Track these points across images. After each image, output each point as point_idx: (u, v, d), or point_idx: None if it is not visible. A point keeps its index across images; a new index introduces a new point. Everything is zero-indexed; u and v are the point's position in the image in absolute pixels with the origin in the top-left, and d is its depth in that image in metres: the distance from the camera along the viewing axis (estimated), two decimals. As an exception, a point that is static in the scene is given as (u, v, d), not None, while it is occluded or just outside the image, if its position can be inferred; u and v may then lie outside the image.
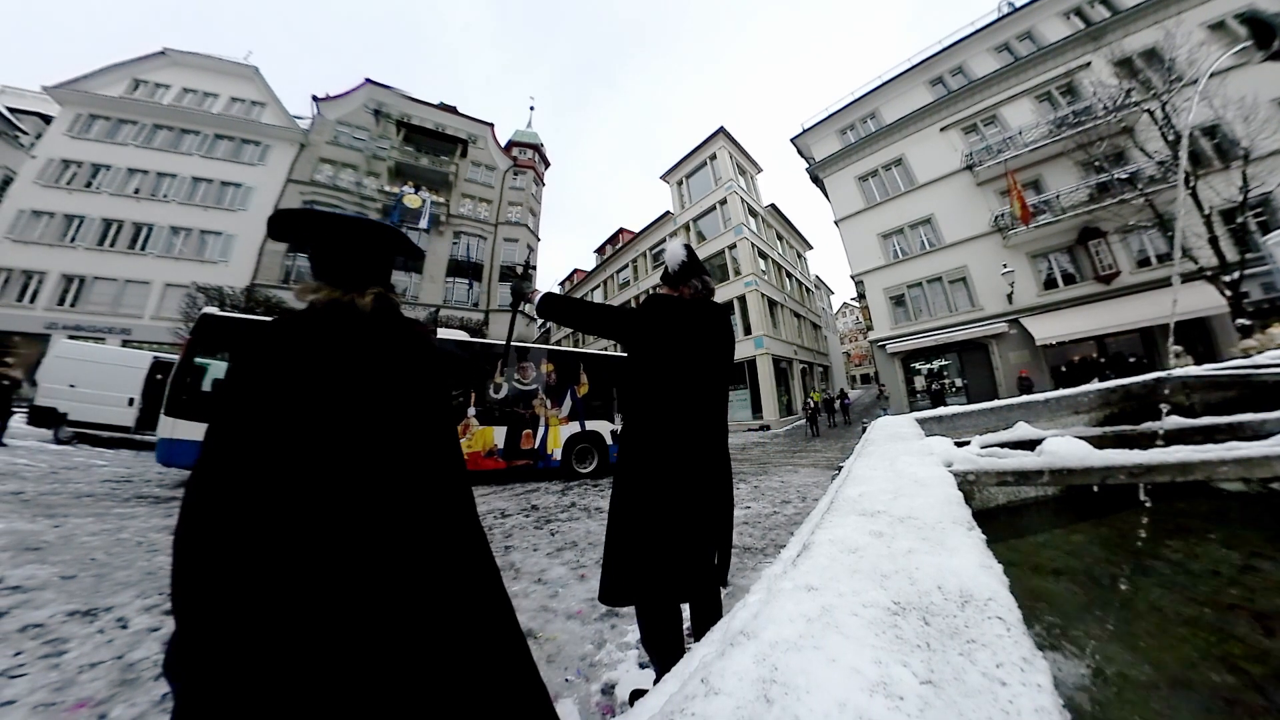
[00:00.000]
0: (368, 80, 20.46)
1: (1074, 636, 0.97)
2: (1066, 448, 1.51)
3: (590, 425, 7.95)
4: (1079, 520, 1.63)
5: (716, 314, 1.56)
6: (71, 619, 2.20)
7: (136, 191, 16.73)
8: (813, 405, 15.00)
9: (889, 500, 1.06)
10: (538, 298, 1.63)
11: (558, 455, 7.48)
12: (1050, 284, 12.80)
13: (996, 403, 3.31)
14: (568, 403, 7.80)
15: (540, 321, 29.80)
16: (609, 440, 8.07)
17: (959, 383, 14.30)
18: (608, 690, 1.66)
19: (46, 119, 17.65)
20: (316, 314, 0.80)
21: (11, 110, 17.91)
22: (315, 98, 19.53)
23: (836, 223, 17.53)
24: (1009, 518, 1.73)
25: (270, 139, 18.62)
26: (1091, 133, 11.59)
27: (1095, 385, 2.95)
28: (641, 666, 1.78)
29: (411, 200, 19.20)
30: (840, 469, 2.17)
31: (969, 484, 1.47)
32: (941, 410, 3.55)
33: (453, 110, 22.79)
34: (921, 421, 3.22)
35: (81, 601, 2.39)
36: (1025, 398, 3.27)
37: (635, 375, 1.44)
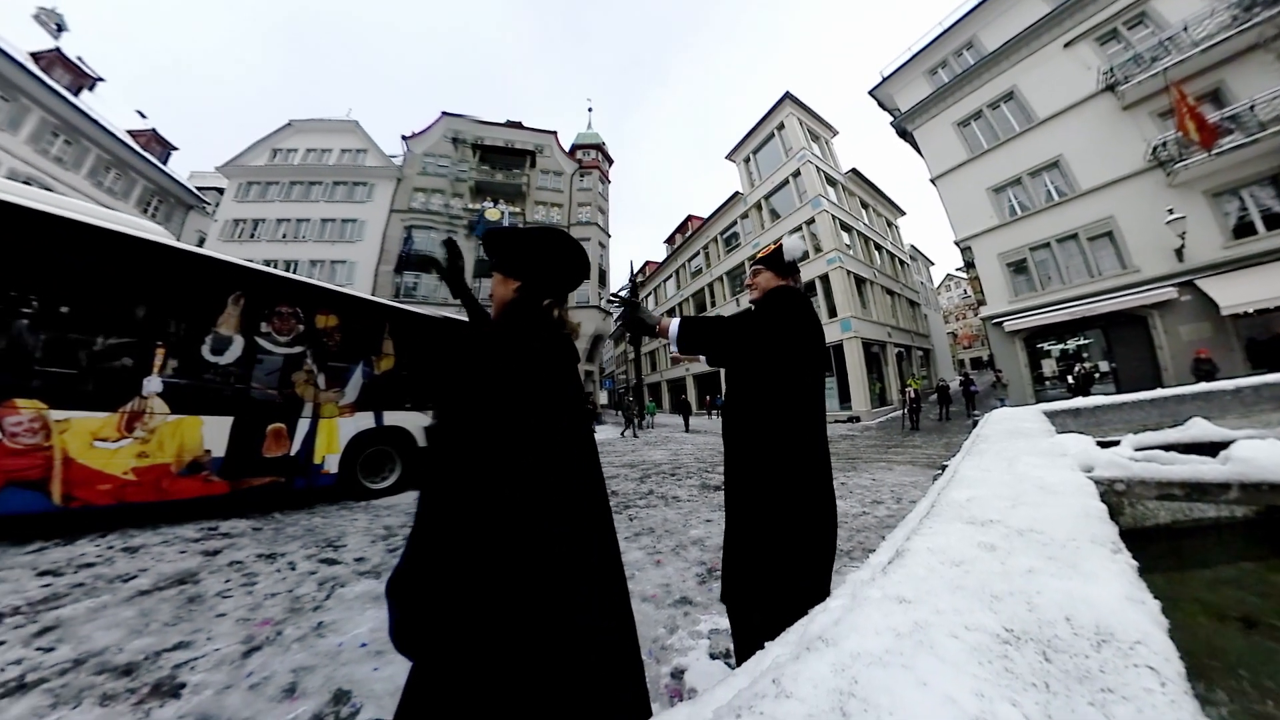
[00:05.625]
0: (444, 113, 22.51)
1: (1261, 708, 0.74)
2: (1267, 455, 1.17)
3: (391, 418, 5.26)
4: (1283, 555, 1.23)
5: (811, 304, 1.46)
6: (259, 560, 2.98)
7: (284, 236, 20.80)
8: (912, 395, 13.32)
9: (1005, 508, 0.92)
10: (673, 325, 1.35)
11: (333, 466, 4.65)
12: (1243, 231, 9.57)
13: (1159, 392, 2.67)
14: (356, 381, 4.93)
15: (612, 332, 29.16)
16: (421, 440, 5.52)
17: (1104, 366, 11.58)
18: (677, 675, 1.69)
19: (219, 190, 22.42)
20: (550, 326, 0.91)
21: (200, 189, 23.28)
22: (404, 136, 22.09)
23: (933, 180, 15.10)
24: (1173, 542, 1.41)
25: (374, 179, 21.66)
26: (1310, 11, 8.42)
27: None
28: (712, 657, 1.77)
29: (492, 214, 20.88)
30: (944, 468, 1.91)
31: (1116, 495, 1.26)
32: (1079, 401, 2.90)
33: (518, 125, 24.06)
34: (1050, 415, 2.69)
35: (265, 547, 3.25)
36: (1204, 386, 2.59)
37: (779, 379, 1.30)
